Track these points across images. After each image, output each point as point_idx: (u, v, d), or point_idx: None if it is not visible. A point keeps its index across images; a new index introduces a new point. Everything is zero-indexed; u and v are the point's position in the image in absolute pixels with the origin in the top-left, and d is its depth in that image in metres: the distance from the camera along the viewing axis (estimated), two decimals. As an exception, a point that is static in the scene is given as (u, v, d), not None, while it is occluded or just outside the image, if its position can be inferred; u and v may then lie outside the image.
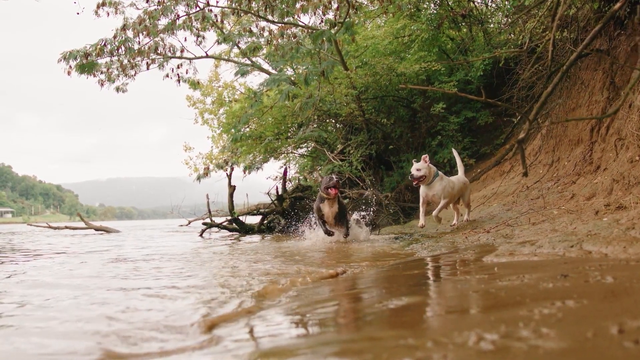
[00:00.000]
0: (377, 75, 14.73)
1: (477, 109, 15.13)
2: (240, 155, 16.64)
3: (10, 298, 4.14)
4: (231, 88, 21.37)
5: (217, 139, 21.57)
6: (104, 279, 5.20)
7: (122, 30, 14.89)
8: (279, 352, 2.23)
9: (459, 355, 1.72)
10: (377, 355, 1.88)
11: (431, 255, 5.92)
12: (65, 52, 15.07)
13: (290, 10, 12.76)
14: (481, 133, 15.45)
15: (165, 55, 16.24)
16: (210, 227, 16.17)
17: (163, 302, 3.71)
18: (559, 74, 7.24)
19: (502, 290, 2.86)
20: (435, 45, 15.76)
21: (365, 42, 15.54)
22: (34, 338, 2.81)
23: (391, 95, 16.08)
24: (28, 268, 6.73)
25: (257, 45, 15.16)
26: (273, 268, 5.47)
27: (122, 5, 15.16)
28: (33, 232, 24.63)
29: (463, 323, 2.22)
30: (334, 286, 4.17)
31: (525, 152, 10.11)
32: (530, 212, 7.44)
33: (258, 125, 16.73)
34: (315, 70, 12.62)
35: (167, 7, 14.13)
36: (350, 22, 11.99)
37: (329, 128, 17.50)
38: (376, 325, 2.62)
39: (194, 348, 2.49)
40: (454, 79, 14.61)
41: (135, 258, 7.69)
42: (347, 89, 14.52)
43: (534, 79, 10.51)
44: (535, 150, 11.43)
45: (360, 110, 15.18)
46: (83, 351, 2.48)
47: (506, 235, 6.19)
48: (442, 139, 14.84)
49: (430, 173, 8.86)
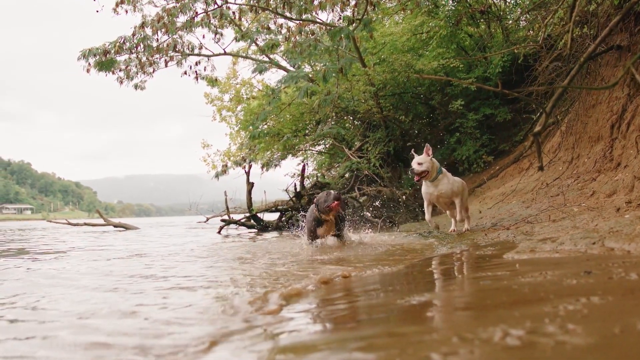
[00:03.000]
0: (395, 72, 14.70)
1: (495, 106, 15.05)
2: (258, 152, 16.69)
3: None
4: (249, 85, 21.43)
5: (235, 136, 21.66)
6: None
7: (140, 28, 14.99)
8: (303, 347, 2.23)
9: (486, 350, 1.72)
10: (402, 350, 1.88)
11: (451, 252, 5.91)
12: (84, 49, 15.18)
13: (308, 7, 12.76)
14: (500, 130, 15.36)
15: (183, 52, 16.33)
16: (228, 224, 16.21)
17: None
18: (576, 66, 7.17)
19: (525, 287, 2.85)
20: (453, 42, 15.70)
21: (383, 39, 15.52)
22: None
23: (409, 92, 16.05)
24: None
25: (275, 42, 15.18)
26: (290, 269, 5.48)
27: (140, 3, 15.26)
28: (56, 229, 24.81)
29: (487, 319, 2.22)
30: (355, 283, 4.18)
31: (543, 148, 10.06)
32: (550, 209, 7.39)
33: (276, 122, 16.78)
34: (334, 67, 12.61)
35: (185, 4, 14.19)
36: (369, 19, 11.97)
37: (346, 125, 17.50)
38: (399, 321, 2.62)
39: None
40: (472, 75, 14.54)
41: (176, 253, 7.81)
42: (365, 85, 14.51)
43: (553, 75, 10.45)
44: (554, 147, 11.35)
45: (378, 107, 15.16)
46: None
47: (526, 232, 6.16)
48: (460, 136, 14.79)
49: (433, 168, 7.91)
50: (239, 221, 16.44)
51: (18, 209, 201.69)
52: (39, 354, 2.37)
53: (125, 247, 10.01)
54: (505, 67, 14.44)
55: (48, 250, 9.97)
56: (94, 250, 9.53)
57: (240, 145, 19.68)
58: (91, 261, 7.03)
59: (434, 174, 7.88)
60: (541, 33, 11.47)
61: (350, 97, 15.02)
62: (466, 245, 6.25)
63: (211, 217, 22.01)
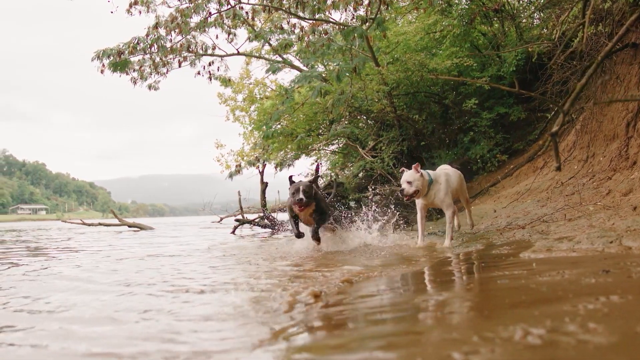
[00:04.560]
0: (409, 71, 14.66)
1: (509, 105, 14.99)
2: (271, 152, 16.72)
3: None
4: (262, 85, 21.45)
5: (249, 135, 21.67)
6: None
7: (154, 29, 15.04)
8: (322, 347, 2.24)
9: (507, 349, 1.72)
10: (423, 349, 1.89)
11: (467, 251, 5.91)
12: (98, 50, 15.25)
13: (321, 6, 12.76)
14: (514, 129, 15.29)
15: (197, 52, 16.37)
16: (242, 224, 16.24)
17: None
18: (594, 65, 7.14)
19: (544, 286, 2.85)
20: (467, 41, 15.64)
21: (397, 38, 15.49)
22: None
23: (423, 92, 16.00)
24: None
25: (288, 42, 15.20)
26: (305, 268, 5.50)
27: (153, 4, 15.32)
28: (71, 229, 24.97)
29: (507, 318, 2.22)
30: (373, 283, 4.19)
31: (559, 146, 10.00)
32: (566, 208, 7.36)
33: (289, 122, 16.79)
34: (347, 67, 12.60)
35: (199, 5, 14.23)
36: (382, 18, 11.95)
37: (360, 124, 17.47)
38: (417, 319, 2.63)
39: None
40: (486, 74, 14.48)
41: (193, 254, 7.83)
42: (379, 85, 14.48)
43: (567, 73, 10.40)
44: (569, 146, 11.30)
45: (391, 107, 15.13)
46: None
47: (542, 231, 6.15)
48: (474, 135, 14.74)
49: (424, 184, 7.36)
50: (253, 221, 16.47)
51: (33, 209, 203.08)
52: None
53: (148, 248, 10.09)
54: (520, 66, 14.36)
55: (71, 248, 10.06)
56: (121, 249, 9.60)
57: (254, 145, 19.69)
58: (143, 261, 7.06)
59: (425, 190, 7.41)
60: (555, 31, 11.43)
61: (364, 97, 15.00)
62: (481, 245, 6.24)
63: (225, 217, 22.08)
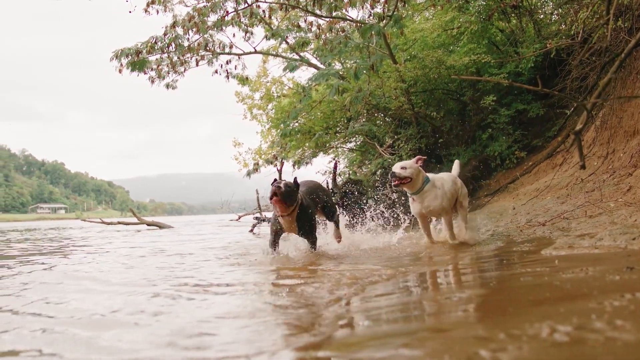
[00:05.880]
0: (426, 68, 14.62)
1: (528, 101, 14.88)
2: (289, 150, 16.75)
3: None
4: (279, 83, 21.51)
5: (266, 134, 21.76)
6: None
7: (172, 28, 15.13)
8: (349, 344, 2.25)
9: (534, 347, 1.72)
10: (449, 346, 1.89)
11: (487, 248, 5.89)
12: (117, 50, 15.38)
13: (338, 4, 12.77)
14: (532, 125, 15.19)
15: (214, 51, 16.45)
16: (261, 222, 16.27)
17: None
18: (617, 62, 7.09)
19: (567, 283, 2.84)
20: (484, 37, 15.55)
21: (414, 35, 15.46)
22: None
23: (440, 89, 15.95)
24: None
25: (306, 40, 15.24)
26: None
27: (170, 3, 15.41)
28: (91, 228, 25.18)
29: (532, 315, 2.22)
30: (393, 281, 4.19)
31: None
32: (586, 205, 7.31)
33: (307, 119, 16.81)
34: (365, 64, 12.60)
35: (216, 3, 14.29)
36: (399, 15, 11.94)
37: (378, 122, 17.45)
38: (441, 317, 2.63)
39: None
40: (504, 71, 14.40)
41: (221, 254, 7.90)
42: (396, 82, 14.46)
43: (587, 69, 10.32)
44: (589, 143, 11.21)
45: (409, 104, 15.11)
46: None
47: (562, 228, 6.12)
48: (492, 131, 14.65)
49: (418, 177, 6.78)
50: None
51: (52, 209, 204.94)
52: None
53: (167, 246, 10.16)
54: (538, 62, 14.27)
55: (100, 247, 10.15)
56: (141, 247, 9.67)
57: (272, 143, 19.74)
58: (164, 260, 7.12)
59: (418, 185, 6.79)
60: (574, 27, 11.35)
61: (382, 94, 14.98)
62: (502, 242, 6.22)
63: (243, 215, 22.17)
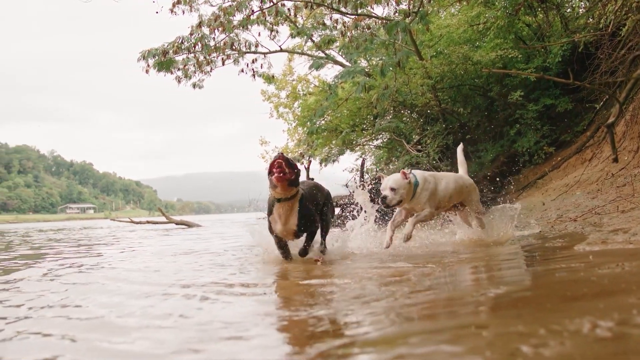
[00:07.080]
0: (453, 64, 14.56)
1: (556, 96, 14.71)
2: (316, 147, 16.78)
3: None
4: (305, 81, 21.54)
5: (293, 132, 21.81)
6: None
7: (198, 27, 15.24)
8: (389, 339, 2.26)
9: (577, 342, 1.71)
10: (489, 342, 1.90)
11: (520, 244, 5.87)
12: (144, 51, 15.54)
13: (363, 1, 12.77)
14: (561, 120, 15.03)
15: (240, 50, 16.52)
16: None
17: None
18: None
19: (604, 278, 2.83)
20: (511, 32, 15.42)
21: (440, 31, 15.39)
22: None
23: (467, 84, 15.85)
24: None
25: (331, 37, 15.25)
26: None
27: (196, 3, 15.52)
28: (121, 227, 25.41)
29: (571, 310, 2.21)
30: (425, 278, 4.20)
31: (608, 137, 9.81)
32: (618, 199, 7.24)
33: (333, 117, 16.81)
34: (391, 61, 12.58)
35: (241, 2, 14.36)
36: (424, 11, 11.91)
37: (404, 119, 17.39)
38: (479, 313, 2.62)
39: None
40: (532, 65, 14.26)
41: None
42: (423, 79, 14.41)
43: (616, 63, 10.21)
44: (619, 137, 11.07)
45: (436, 100, 15.05)
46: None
47: (594, 223, 6.06)
48: (520, 127, 14.52)
49: (409, 193, 6.34)
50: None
51: (81, 209, 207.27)
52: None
53: (195, 244, 10.24)
54: (566, 56, 14.12)
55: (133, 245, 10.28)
56: (172, 245, 9.74)
57: (298, 141, 19.82)
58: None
59: (410, 197, 6.41)
60: (603, 20, 11.22)
61: (408, 91, 14.93)
62: (534, 238, 6.19)
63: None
